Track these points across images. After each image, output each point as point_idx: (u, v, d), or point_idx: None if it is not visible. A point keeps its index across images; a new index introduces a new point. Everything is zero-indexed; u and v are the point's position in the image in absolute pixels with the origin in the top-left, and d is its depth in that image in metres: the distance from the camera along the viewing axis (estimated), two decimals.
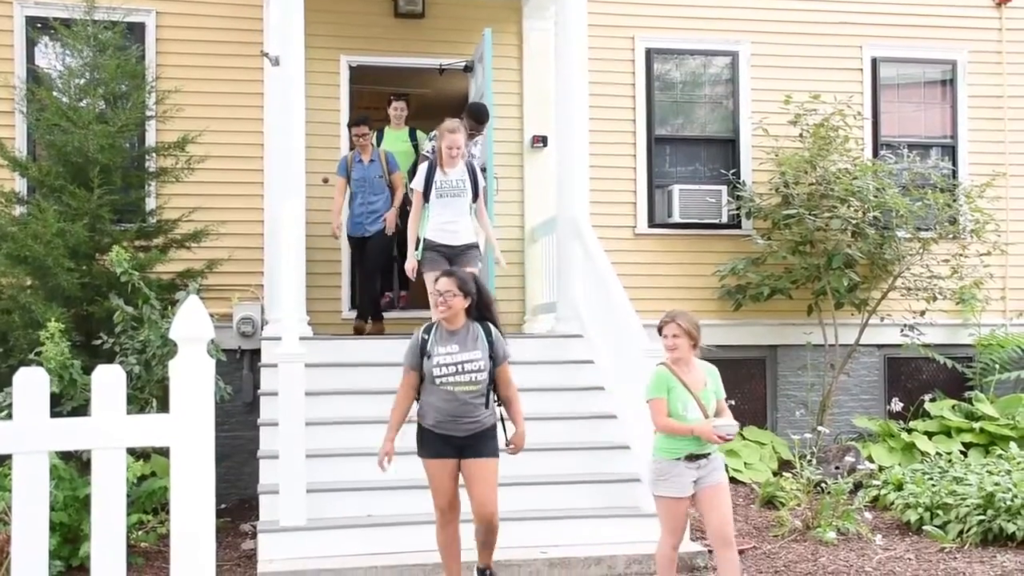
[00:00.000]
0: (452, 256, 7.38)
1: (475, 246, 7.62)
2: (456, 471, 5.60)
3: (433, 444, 5.56)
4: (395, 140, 9.79)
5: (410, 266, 7.55)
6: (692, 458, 5.38)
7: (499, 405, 5.73)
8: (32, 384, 3.30)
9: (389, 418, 5.63)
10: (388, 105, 10.02)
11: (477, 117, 8.88)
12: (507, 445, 5.67)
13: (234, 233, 9.09)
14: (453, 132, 7.45)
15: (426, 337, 5.61)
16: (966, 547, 7.03)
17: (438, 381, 5.50)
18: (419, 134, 9.89)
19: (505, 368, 5.66)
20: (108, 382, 3.36)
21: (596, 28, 9.64)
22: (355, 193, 9.17)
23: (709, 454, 5.43)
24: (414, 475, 5.83)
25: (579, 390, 8.02)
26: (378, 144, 9.57)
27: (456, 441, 5.53)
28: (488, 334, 5.64)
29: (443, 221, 7.47)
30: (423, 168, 7.68)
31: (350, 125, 9.29)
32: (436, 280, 5.68)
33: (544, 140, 10.09)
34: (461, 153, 7.57)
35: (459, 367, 5.51)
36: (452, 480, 5.61)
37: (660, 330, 5.57)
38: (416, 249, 7.52)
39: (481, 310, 5.71)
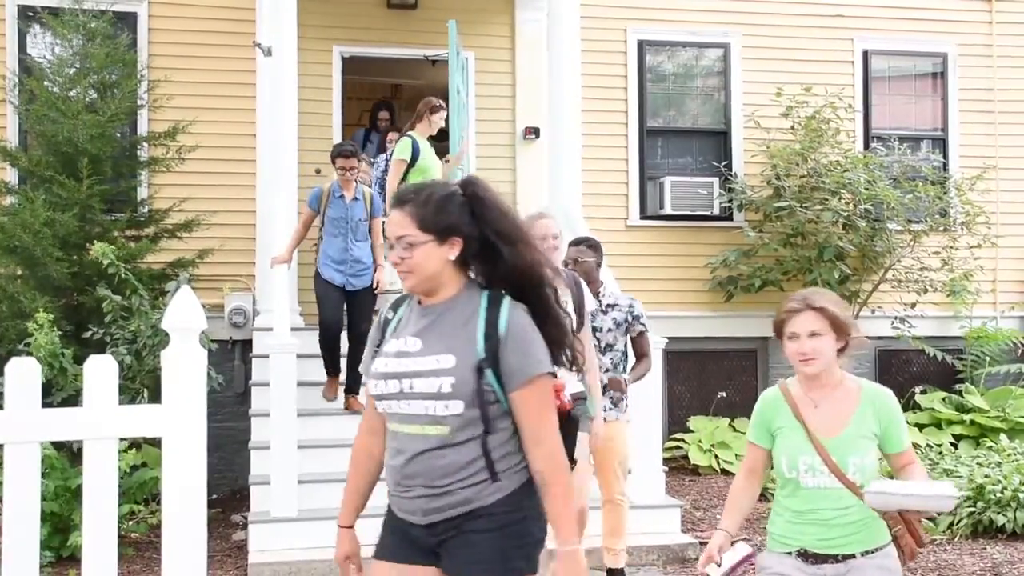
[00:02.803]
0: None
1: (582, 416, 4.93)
2: None
3: (386, 535, 3.02)
4: (433, 152, 8.34)
5: None
6: (810, 558, 3.27)
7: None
8: (24, 374, 3.30)
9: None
10: (432, 112, 8.23)
11: (590, 242, 6.08)
12: None
13: (226, 223, 9.05)
14: (543, 218, 5.03)
15: (390, 316, 3.02)
16: (956, 539, 7.05)
17: (379, 407, 2.95)
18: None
19: (529, 395, 2.76)
20: (100, 372, 3.36)
21: (588, 20, 9.64)
22: (332, 234, 7.61)
23: (850, 557, 3.23)
24: None
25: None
26: (416, 156, 8.04)
27: (421, 538, 2.91)
28: (495, 313, 2.80)
29: None
30: None
31: (336, 156, 7.64)
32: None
33: (536, 132, 10.07)
34: (557, 247, 4.99)
35: (404, 383, 2.84)
36: None
37: (780, 328, 3.34)
38: None
39: (500, 266, 2.85)
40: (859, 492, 3.20)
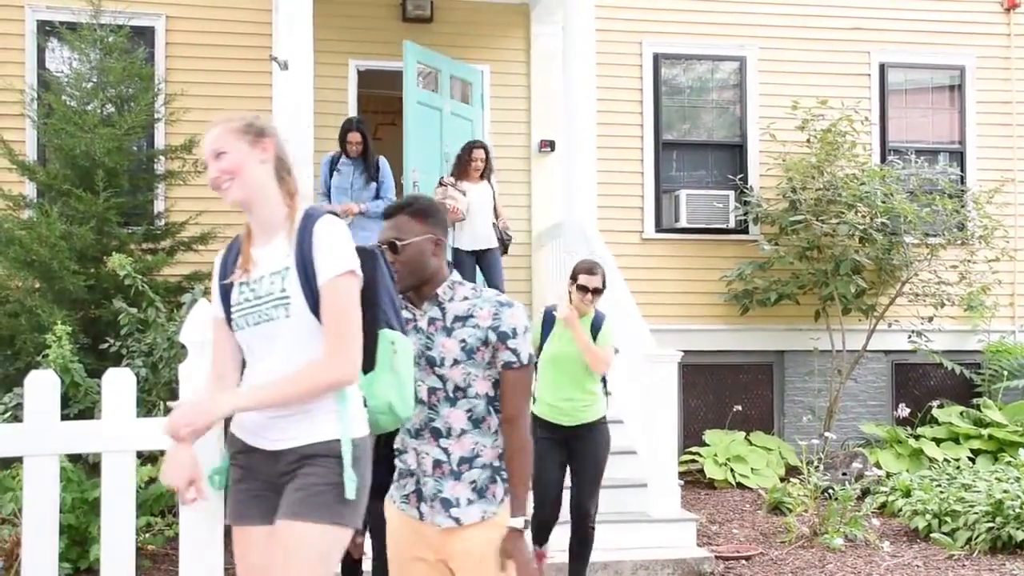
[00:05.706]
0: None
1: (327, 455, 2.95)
2: None
3: None
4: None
5: None
6: None
7: None
8: (43, 387, 3.30)
9: None
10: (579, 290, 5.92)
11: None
12: None
13: None
14: (215, 126, 3.12)
15: None
16: (975, 555, 7.00)
17: None
18: None
19: None
20: (118, 386, 3.36)
21: (604, 33, 9.66)
22: None
23: None
24: None
25: None
26: None
27: None
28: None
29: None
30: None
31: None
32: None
33: (552, 144, 10.09)
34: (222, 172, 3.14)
35: None
36: None
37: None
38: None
39: None
40: None
